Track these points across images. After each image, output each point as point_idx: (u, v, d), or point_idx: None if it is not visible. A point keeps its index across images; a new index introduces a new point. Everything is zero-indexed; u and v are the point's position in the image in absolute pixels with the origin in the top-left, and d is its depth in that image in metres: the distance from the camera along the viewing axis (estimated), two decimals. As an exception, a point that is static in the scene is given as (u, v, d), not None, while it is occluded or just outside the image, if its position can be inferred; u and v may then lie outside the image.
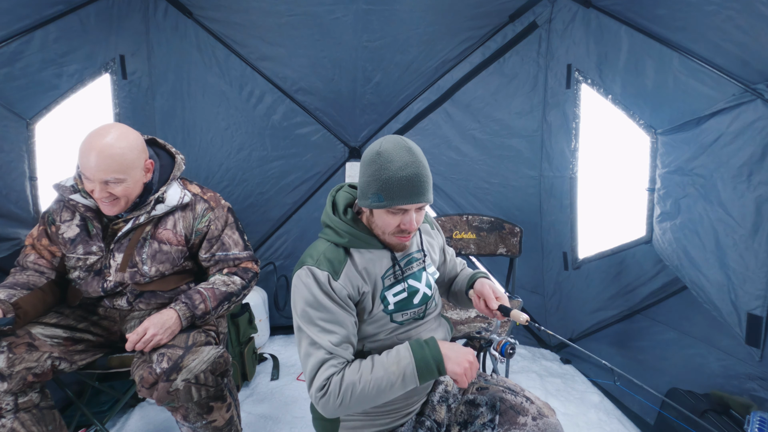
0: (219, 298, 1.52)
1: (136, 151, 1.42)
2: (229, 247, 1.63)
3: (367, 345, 1.15)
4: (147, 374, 1.32)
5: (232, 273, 1.61)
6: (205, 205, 1.59)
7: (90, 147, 1.34)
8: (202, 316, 1.49)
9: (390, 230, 1.10)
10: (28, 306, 1.42)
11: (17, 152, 1.84)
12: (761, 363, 1.57)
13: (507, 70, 2.64)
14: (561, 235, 2.63)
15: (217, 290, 1.53)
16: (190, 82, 2.57)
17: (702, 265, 1.72)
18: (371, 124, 2.86)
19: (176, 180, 1.57)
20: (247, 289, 1.64)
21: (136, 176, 1.43)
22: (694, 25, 1.69)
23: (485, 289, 1.23)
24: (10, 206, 1.80)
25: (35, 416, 1.34)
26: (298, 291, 1.07)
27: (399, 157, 1.03)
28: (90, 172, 1.34)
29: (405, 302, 1.16)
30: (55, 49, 1.91)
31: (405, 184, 1.02)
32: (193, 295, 1.49)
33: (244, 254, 1.66)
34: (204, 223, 1.58)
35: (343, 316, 1.06)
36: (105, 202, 1.40)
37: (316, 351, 1.03)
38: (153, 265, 1.51)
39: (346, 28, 2.48)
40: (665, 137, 1.92)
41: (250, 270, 1.66)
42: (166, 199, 1.51)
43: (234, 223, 1.66)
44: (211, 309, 1.50)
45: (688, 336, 1.95)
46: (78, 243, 1.50)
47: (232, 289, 1.57)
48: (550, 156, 2.64)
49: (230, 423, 1.49)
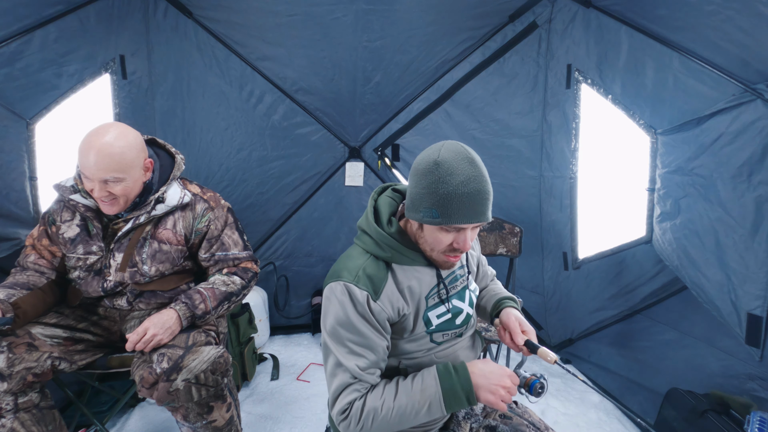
0: (219, 298, 1.52)
1: (135, 150, 1.41)
2: (228, 247, 1.62)
3: (404, 362, 1.08)
4: (147, 374, 1.32)
5: (231, 273, 1.61)
6: (205, 205, 1.59)
7: (89, 146, 1.34)
8: (203, 316, 1.49)
9: (440, 248, 1.00)
10: (28, 306, 1.41)
11: (17, 152, 1.84)
12: (761, 363, 1.57)
13: (507, 70, 2.64)
14: (561, 235, 2.63)
15: (217, 290, 1.53)
16: (190, 82, 2.57)
17: (702, 265, 1.72)
18: (371, 124, 2.86)
19: (176, 180, 1.57)
20: (247, 288, 1.63)
21: (135, 175, 1.43)
22: (694, 25, 1.69)
23: (511, 322, 1.13)
24: (10, 206, 1.80)
25: (35, 416, 1.34)
26: (331, 306, 0.99)
27: (461, 169, 0.91)
28: (89, 171, 1.35)
29: (447, 323, 1.08)
30: (55, 49, 1.91)
31: (466, 202, 0.91)
32: (193, 295, 1.49)
33: (243, 254, 1.66)
34: (204, 223, 1.58)
35: (375, 341, 0.98)
36: (104, 202, 1.41)
37: (342, 373, 0.97)
38: (153, 265, 1.51)
39: (346, 28, 2.48)
40: (665, 137, 1.92)
41: (249, 270, 1.66)
42: (166, 199, 1.51)
43: (234, 223, 1.66)
44: (211, 309, 1.50)
45: (688, 336, 1.95)
46: (78, 243, 1.50)
47: (232, 288, 1.57)
48: (550, 156, 2.64)
49: (230, 423, 1.49)
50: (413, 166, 1.00)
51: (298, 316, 3.06)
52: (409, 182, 1.01)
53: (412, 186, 0.98)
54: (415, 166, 0.99)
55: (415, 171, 0.98)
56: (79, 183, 1.48)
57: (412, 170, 1.00)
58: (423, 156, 0.98)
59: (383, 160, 2.87)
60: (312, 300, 3.04)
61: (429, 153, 0.97)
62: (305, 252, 3.01)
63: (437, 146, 0.97)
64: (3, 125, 1.77)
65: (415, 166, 0.99)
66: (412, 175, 0.99)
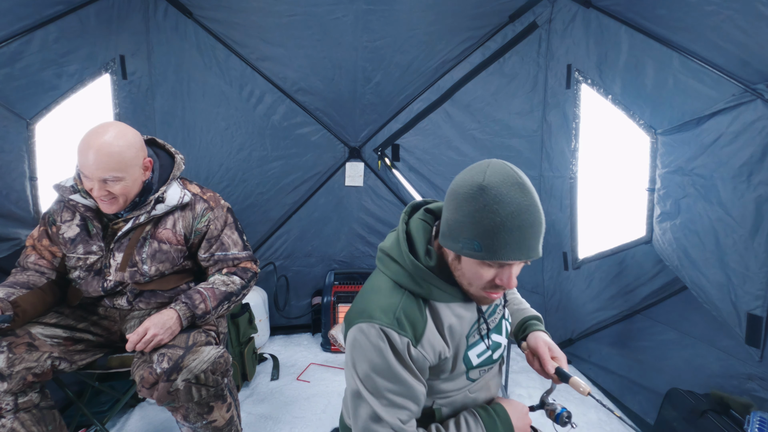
0: (219, 298, 1.52)
1: (134, 149, 1.42)
2: (228, 247, 1.62)
3: (438, 401, 0.98)
4: (147, 374, 1.32)
5: (231, 273, 1.61)
6: (205, 205, 1.59)
7: (88, 145, 1.34)
8: (203, 316, 1.48)
9: (480, 284, 0.87)
10: (27, 305, 1.41)
11: (17, 152, 1.84)
12: (761, 363, 1.57)
13: (507, 70, 2.64)
14: (561, 235, 2.63)
15: (217, 290, 1.53)
16: (190, 82, 2.57)
17: (702, 265, 1.72)
18: (371, 124, 2.86)
19: (176, 180, 1.57)
20: (247, 288, 1.63)
21: (134, 174, 1.43)
22: (694, 25, 1.69)
23: (540, 348, 1.03)
24: (10, 206, 1.80)
25: (35, 416, 1.34)
26: (363, 351, 0.86)
27: (510, 198, 0.78)
28: (89, 171, 1.35)
29: (486, 360, 0.99)
30: (55, 49, 1.91)
31: (515, 235, 0.79)
32: (193, 294, 1.49)
33: (243, 254, 1.66)
34: (203, 222, 1.58)
35: (416, 390, 0.88)
36: (104, 201, 1.41)
37: (380, 428, 0.86)
38: (153, 265, 1.51)
39: (346, 28, 2.48)
40: (665, 137, 1.92)
41: (249, 270, 1.65)
42: (166, 198, 1.51)
43: (233, 223, 1.66)
44: (211, 309, 1.50)
45: (688, 336, 1.95)
46: (78, 243, 1.50)
47: (231, 288, 1.56)
48: (550, 156, 2.64)
49: (230, 423, 1.49)
50: (452, 188, 0.85)
51: (298, 316, 3.06)
52: (445, 205, 0.87)
53: (450, 211, 0.85)
54: (455, 189, 0.84)
55: (455, 194, 0.84)
56: (79, 183, 1.48)
57: (451, 192, 0.85)
58: (464, 177, 0.84)
59: (383, 160, 2.87)
60: (312, 300, 3.04)
61: (472, 174, 0.83)
62: (305, 252, 3.01)
63: (481, 166, 0.83)
64: (3, 125, 1.77)
65: (455, 188, 0.84)
66: (451, 199, 0.85)
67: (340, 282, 2.86)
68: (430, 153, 2.83)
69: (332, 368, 2.60)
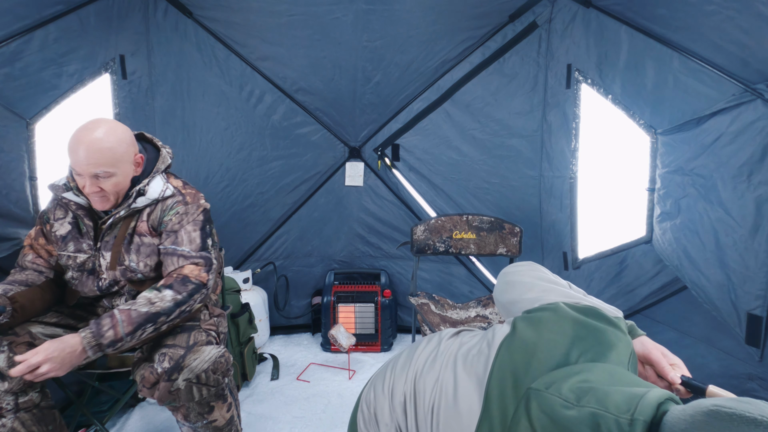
0: (137, 322, 1.31)
1: (125, 144, 1.41)
2: (180, 242, 1.46)
3: None
4: (148, 374, 1.32)
5: (165, 286, 1.40)
6: (179, 198, 1.52)
7: (78, 141, 1.34)
8: (112, 345, 1.29)
9: None
10: (25, 300, 1.40)
11: (17, 152, 1.84)
12: (761, 363, 1.57)
13: (507, 70, 2.64)
14: (561, 235, 2.63)
15: (134, 312, 1.32)
16: (190, 82, 2.57)
17: (702, 265, 1.72)
18: (371, 124, 2.86)
19: (160, 173, 1.53)
20: (186, 304, 1.39)
21: (126, 170, 1.42)
22: (694, 25, 1.69)
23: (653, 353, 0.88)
24: (10, 206, 1.80)
25: (35, 416, 1.34)
26: None
27: None
28: (80, 167, 1.34)
29: None
30: (55, 49, 1.91)
31: None
32: (103, 320, 1.30)
33: (193, 254, 1.46)
34: (170, 215, 1.49)
35: None
36: (96, 198, 1.40)
37: None
38: (140, 260, 1.49)
39: (346, 28, 2.48)
40: (665, 137, 1.92)
41: (190, 281, 1.41)
42: (147, 191, 1.47)
43: (202, 222, 1.52)
44: (123, 335, 1.29)
45: (688, 336, 1.95)
46: (69, 240, 1.50)
47: (158, 308, 1.34)
48: (550, 156, 2.64)
49: (230, 423, 1.49)
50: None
51: (298, 316, 3.06)
52: None
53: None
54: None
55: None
56: (71, 181, 1.47)
57: None
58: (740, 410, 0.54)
59: (383, 160, 2.87)
60: (312, 300, 3.04)
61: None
62: (305, 252, 3.01)
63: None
64: (3, 125, 1.77)
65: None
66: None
67: (340, 282, 2.86)
68: (430, 153, 2.83)
69: (332, 368, 2.60)
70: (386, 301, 2.78)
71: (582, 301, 0.87)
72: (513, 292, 1.01)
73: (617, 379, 0.68)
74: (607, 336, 0.77)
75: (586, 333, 0.77)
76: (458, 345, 0.94)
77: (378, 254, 3.04)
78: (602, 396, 0.63)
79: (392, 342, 2.90)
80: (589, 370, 0.70)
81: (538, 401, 0.67)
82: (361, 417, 1.01)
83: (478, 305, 2.35)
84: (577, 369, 0.71)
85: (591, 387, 0.65)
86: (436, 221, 2.41)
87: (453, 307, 2.32)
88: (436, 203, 2.89)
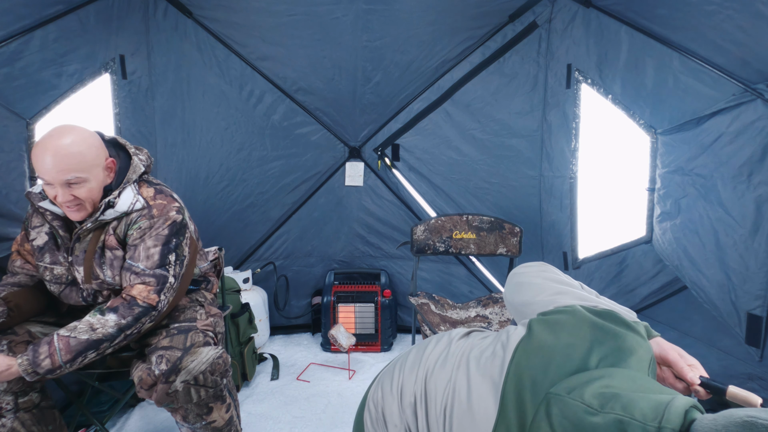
0: (76, 350, 1.26)
1: (94, 148, 1.34)
2: (137, 258, 1.39)
3: None
4: (146, 375, 1.32)
5: (111, 309, 1.33)
6: (144, 212, 1.42)
7: (45, 149, 1.27)
8: (50, 372, 1.25)
9: None
10: (20, 299, 1.39)
11: (17, 152, 1.84)
12: (761, 363, 1.57)
13: (507, 70, 2.64)
14: (561, 235, 2.63)
15: (73, 340, 1.26)
16: (190, 82, 2.57)
17: (702, 265, 1.71)
18: (371, 124, 2.86)
19: (131, 183, 1.44)
20: (131, 328, 1.33)
21: (98, 176, 1.35)
22: (694, 25, 1.69)
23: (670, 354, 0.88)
24: (10, 206, 1.80)
25: (35, 416, 1.34)
26: None
27: None
28: (49, 176, 1.27)
29: None
30: (55, 49, 1.91)
31: None
32: (41, 347, 1.25)
33: (147, 271, 1.38)
34: (133, 229, 1.42)
35: None
36: (70, 208, 1.33)
37: None
38: (115, 274, 1.42)
39: (346, 28, 2.48)
40: (665, 137, 1.92)
41: (137, 303, 1.34)
42: (116, 203, 1.39)
43: (166, 237, 1.42)
44: (61, 363, 1.25)
45: (688, 336, 1.95)
46: (45, 252, 1.43)
47: (99, 335, 1.28)
48: (550, 156, 2.63)
49: (230, 423, 1.49)
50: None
51: (298, 316, 3.06)
52: None
53: None
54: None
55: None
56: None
57: None
58: None
59: (383, 159, 2.87)
60: (312, 300, 3.04)
61: None
62: (305, 252, 3.01)
63: None
64: (3, 125, 1.77)
65: None
66: None
67: (340, 282, 2.86)
68: (430, 153, 2.83)
69: (332, 368, 2.60)
70: (386, 301, 2.78)
71: (599, 305, 0.85)
72: (525, 294, 1.00)
73: (640, 386, 0.67)
74: (627, 341, 0.76)
75: (605, 337, 0.75)
76: (470, 346, 0.92)
77: (378, 254, 3.04)
78: (627, 403, 0.61)
79: (392, 342, 2.90)
80: (610, 376, 0.68)
81: (560, 407, 0.65)
82: (368, 416, 1.00)
83: (478, 305, 2.35)
84: (597, 374, 0.69)
85: (615, 393, 0.63)
86: (436, 221, 2.41)
87: (453, 307, 2.32)
88: (436, 203, 2.89)
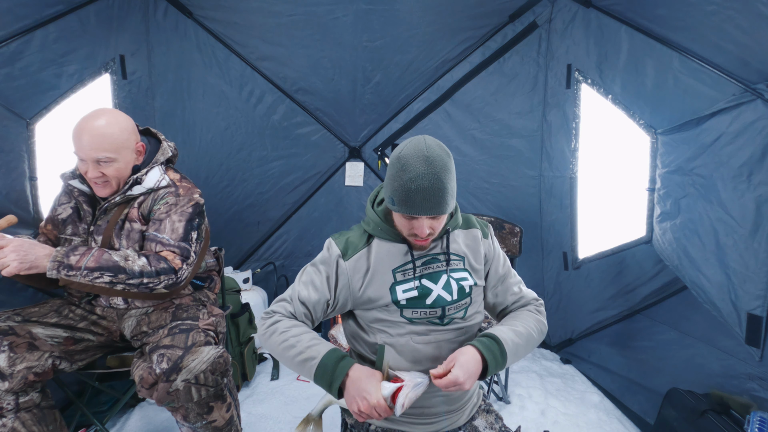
0: (101, 264, 1.35)
1: (126, 132, 1.48)
2: (163, 230, 1.49)
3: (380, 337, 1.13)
4: (147, 374, 1.32)
5: (144, 254, 1.43)
6: (171, 189, 1.55)
7: (82, 128, 1.41)
8: (70, 269, 1.33)
9: (405, 232, 1.11)
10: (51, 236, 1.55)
11: (17, 152, 1.84)
12: (761, 363, 1.57)
13: (507, 70, 2.64)
14: (561, 235, 2.63)
15: (106, 255, 1.37)
16: (190, 82, 2.57)
17: (702, 265, 1.72)
18: (371, 124, 2.86)
19: (159, 164, 1.58)
20: (150, 279, 1.41)
21: (127, 157, 1.48)
22: (694, 25, 1.69)
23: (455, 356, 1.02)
24: (10, 206, 1.80)
25: (36, 416, 1.34)
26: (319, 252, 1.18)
27: (413, 166, 0.99)
28: (83, 153, 1.41)
29: (416, 301, 1.11)
30: (55, 49, 1.91)
31: (413, 196, 1.00)
32: (80, 246, 1.38)
33: (172, 242, 1.48)
34: (160, 204, 1.52)
35: (322, 288, 1.13)
36: (98, 183, 1.46)
37: (290, 292, 1.15)
38: (129, 245, 1.51)
39: (346, 28, 2.48)
40: (665, 137, 1.92)
41: (166, 261, 1.44)
42: (143, 180, 1.52)
43: (190, 214, 1.53)
44: (83, 267, 1.33)
45: (688, 336, 1.95)
46: (68, 224, 1.56)
47: (127, 265, 1.38)
48: (550, 156, 2.64)
49: (230, 423, 1.49)
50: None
51: (298, 316, 3.06)
52: None
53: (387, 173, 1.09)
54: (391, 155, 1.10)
55: (389, 159, 1.10)
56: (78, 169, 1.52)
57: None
58: (397, 147, 1.08)
59: (383, 159, 2.87)
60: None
61: (399, 146, 1.07)
62: (305, 252, 3.01)
63: (406, 141, 1.07)
64: (3, 125, 1.77)
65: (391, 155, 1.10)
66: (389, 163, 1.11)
67: (340, 282, 2.86)
68: (430, 153, 2.83)
69: (332, 368, 2.59)
70: (386, 301, 2.78)
71: None
72: None
73: None
74: None
75: None
76: None
77: (378, 254, 3.04)
78: None
79: (392, 342, 2.90)
80: None
81: None
82: None
83: (478, 305, 2.35)
84: None
85: None
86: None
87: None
88: (436, 203, 2.89)
